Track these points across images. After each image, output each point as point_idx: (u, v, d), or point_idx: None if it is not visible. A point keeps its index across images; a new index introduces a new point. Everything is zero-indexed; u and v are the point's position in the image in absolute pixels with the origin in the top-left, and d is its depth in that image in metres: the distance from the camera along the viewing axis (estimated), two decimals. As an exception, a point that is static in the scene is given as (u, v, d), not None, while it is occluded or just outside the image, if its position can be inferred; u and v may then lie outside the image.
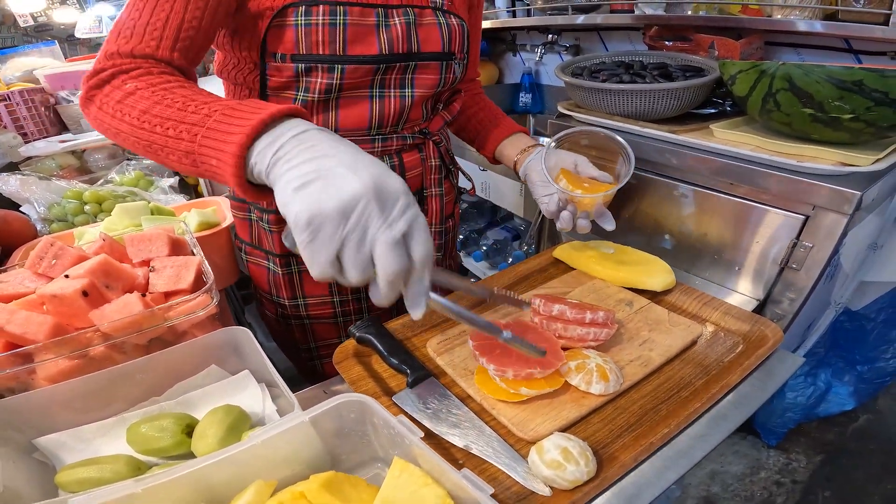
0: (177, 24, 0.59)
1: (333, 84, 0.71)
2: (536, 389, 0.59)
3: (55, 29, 2.91)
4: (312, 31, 0.67)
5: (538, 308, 0.69)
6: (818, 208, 0.80)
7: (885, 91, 0.69)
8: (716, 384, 0.62)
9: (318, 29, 0.67)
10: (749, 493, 1.53)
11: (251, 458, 0.46)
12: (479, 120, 1.00)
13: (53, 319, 0.58)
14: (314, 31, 0.67)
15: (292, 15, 0.66)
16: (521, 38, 2.13)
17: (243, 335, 0.62)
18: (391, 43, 0.72)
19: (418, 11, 0.74)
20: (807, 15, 1.05)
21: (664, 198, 1.03)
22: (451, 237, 1.01)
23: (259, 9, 0.67)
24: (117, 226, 0.90)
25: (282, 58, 0.70)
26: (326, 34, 0.68)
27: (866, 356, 1.49)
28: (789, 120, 0.81)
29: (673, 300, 0.80)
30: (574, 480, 0.49)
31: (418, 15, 0.74)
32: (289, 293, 0.89)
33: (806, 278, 0.84)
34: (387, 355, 0.67)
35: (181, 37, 0.59)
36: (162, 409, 0.59)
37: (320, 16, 0.67)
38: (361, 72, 0.72)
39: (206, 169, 0.49)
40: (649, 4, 1.33)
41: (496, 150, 0.98)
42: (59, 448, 0.56)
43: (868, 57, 1.12)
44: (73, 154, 1.67)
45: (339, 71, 0.70)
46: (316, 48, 0.68)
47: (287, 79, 0.71)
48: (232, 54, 0.74)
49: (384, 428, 0.50)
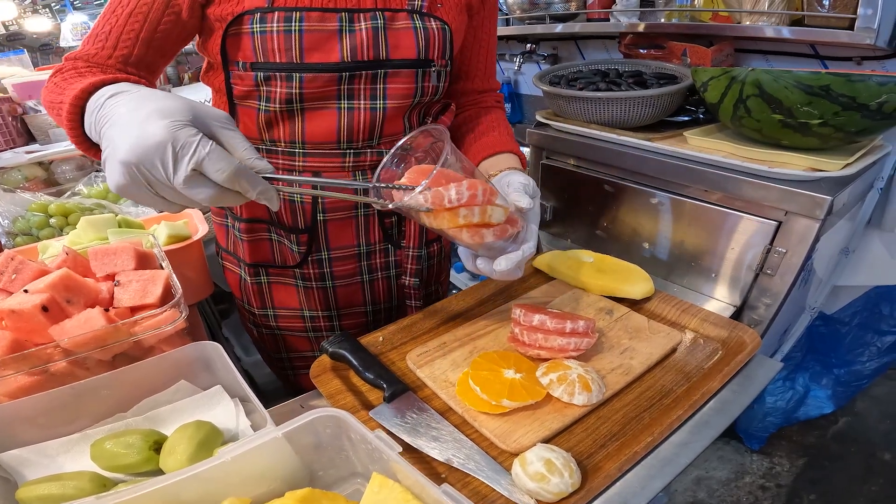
0: (117, 32, 0.64)
1: (293, 93, 0.69)
2: (519, 401, 0.58)
3: (27, 38, 2.85)
4: (268, 38, 0.65)
5: (518, 318, 0.69)
6: (790, 214, 0.81)
7: (851, 96, 0.71)
8: (697, 391, 0.62)
9: (274, 36, 0.65)
10: (735, 498, 1.54)
11: (223, 475, 0.45)
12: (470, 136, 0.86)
13: (12, 335, 0.56)
14: (269, 38, 0.65)
15: (248, 23, 0.65)
16: (501, 47, 2.15)
17: (214, 350, 0.59)
18: (354, 49, 0.68)
19: (390, 15, 0.69)
20: (774, 21, 1.07)
21: (641, 206, 1.04)
22: (435, 262, 0.95)
23: (220, 15, 0.66)
24: (82, 239, 0.87)
25: (243, 66, 0.68)
26: (282, 41, 0.66)
27: (842, 359, 1.52)
28: (760, 126, 0.82)
29: (652, 308, 0.80)
30: (559, 493, 0.49)
31: (389, 19, 0.69)
32: (258, 302, 0.87)
33: (781, 283, 0.85)
34: (361, 370, 0.66)
35: (119, 45, 0.65)
36: (129, 426, 0.57)
37: (275, 23, 0.65)
38: (322, 80, 0.69)
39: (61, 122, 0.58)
40: (624, 13, 1.36)
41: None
42: (21, 464, 0.54)
43: (834, 62, 1.15)
44: (40, 165, 1.62)
45: (297, 79, 0.68)
46: (272, 56, 0.66)
47: (249, 87, 0.70)
48: (207, 61, 0.74)
49: (361, 443, 0.49)
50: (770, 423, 1.60)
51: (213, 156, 0.45)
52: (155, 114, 0.45)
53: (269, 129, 0.74)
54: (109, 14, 0.65)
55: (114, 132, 0.47)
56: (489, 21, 0.85)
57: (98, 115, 0.50)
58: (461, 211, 0.56)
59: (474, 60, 0.86)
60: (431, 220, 0.57)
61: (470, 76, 0.87)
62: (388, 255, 0.87)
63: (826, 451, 1.67)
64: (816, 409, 1.58)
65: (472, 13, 0.80)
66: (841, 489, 1.54)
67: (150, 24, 0.65)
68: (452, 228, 0.57)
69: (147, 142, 0.44)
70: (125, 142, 0.44)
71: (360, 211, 0.81)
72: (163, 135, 0.44)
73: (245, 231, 0.82)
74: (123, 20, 0.64)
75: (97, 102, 0.51)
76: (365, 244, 0.85)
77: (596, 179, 1.11)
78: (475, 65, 0.87)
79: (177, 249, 0.88)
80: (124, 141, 0.44)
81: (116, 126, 0.47)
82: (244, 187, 0.48)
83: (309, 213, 0.79)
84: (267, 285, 0.87)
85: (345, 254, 0.84)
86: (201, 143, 0.45)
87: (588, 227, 1.18)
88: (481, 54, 0.86)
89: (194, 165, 0.45)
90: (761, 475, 1.61)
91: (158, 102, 0.46)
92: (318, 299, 0.87)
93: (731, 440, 1.70)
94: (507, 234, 0.61)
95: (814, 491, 1.54)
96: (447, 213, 0.56)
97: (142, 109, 0.46)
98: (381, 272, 0.88)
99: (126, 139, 0.44)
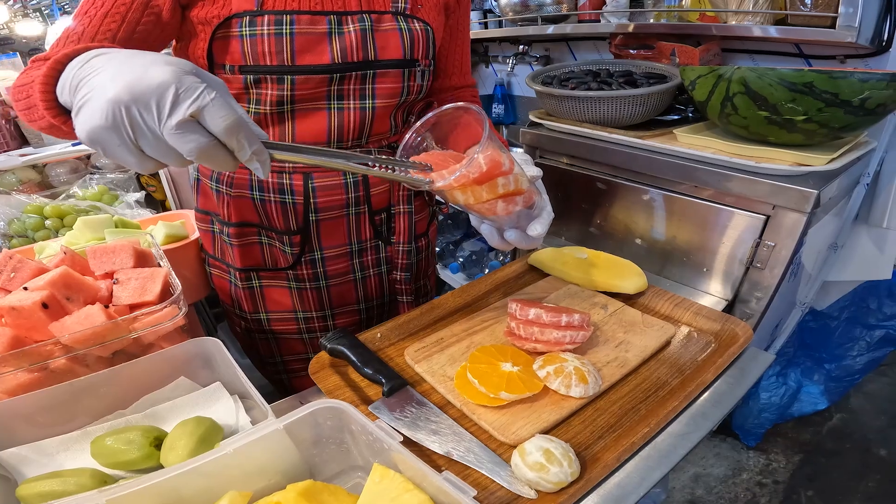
0: (90, 35, 0.61)
1: (285, 95, 0.69)
2: (517, 393, 0.58)
3: (17, 42, 2.83)
4: (258, 41, 0.65)
5: (514, 312, 0.69)
6: (778, 208, 0.83)
7: (834, 92, 0.73)
8: (692, 382, 0.63)
9: (265, 39, 0.65)
10: (733, 494, 1.55)
11: (223, 469, 0.45)
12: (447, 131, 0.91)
13: (12, 332, 0.56)
14: (260, 41, 0.65)
15: (237, 26, 0.65)
16: (493, 49, 2.17)
17: (214, 346, 0.60)
18: (344, 51, 0.69)
19: (376, 17, 0.71)
20: (759, 21, 1.09)
21: (634, 203, 1.05)
22: (423, 256, 0.97)
23: (204, 18, 0.65)
24: (79, 240, 0.87)
25: (230, 69, 0.68)
26: (273, 44, 0.66)
27: (833, 354, 1.54)
28: (746, 123, 0.84)
29: (646, 302, 0.81)
30: (558, 482, 0.49)
31: (376, 21, 0.71)
32: (250, 307, 0.87)
33: (770, 277, 0.87)
34: (360, 365, 0.66)
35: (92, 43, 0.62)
36: (128, 423, 0.57)
37: (266, 26, 0.65)
38: (314, 82, 0.70)
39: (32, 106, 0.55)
40: (614, 14, 1.38)
41: None
42: (20, 462, 0.54)
43: (818, 61, 1.17)
44: (34, 168, 1.61)
45: (288, 82, 0.68)
46: (263, 59, 0.66)
47: (237, 90, 0.69)
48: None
49: (362, 434, 0.49)
50: (765, 419, 1.62)
51: (217, 102, 0.43)
52: (159, 60, 0.43)
53: None
54: (82, 15, 0.62)
55: (103, 77, 0.43)
56: (464, 19, 0.87)
57: (81, 70, 0.46)
58: (500, 180, 0.58)
59: (451, 58, 0.89)
60: (468, 196, 0.58)
61: (448, 73, 0.90)
62: (379, 251, 0.89)
63: (822, 447, 1.68)
64: (810, 405, 1.60)
65: (448, 13, 0.83)
66: (838, 485, 1.55)
67: (127, 24, 0.62)
68: (490, 200, 0.59)
69: (148, 81, 0.41)
70: (119, 81, 0.41)
71: (350, 209, 0.82)
72: (167, 77, 0.42)
73: (234, 236, 0.82)
74: (98, 20, 0.61)
75: (82, 60, 0.47)
76: (357, 242, 0.86)
77: (589, 178, 1.13)
78: (452, 62, 0.90)
79: (174, 249, 0.89)
80: (118, 81, 0.42)
81: (106, 72, 0.44)
82: (240, 143, 0.45)
83: (301, 215, 0.80)
84: (259, 289, 0.86)
85: (337, 252, 0.84)
86: (206, 90, 0.43)
87: (582, 225, 1.20)
88: (457, 52, 0.89)
89: (195, 110, 0.42)
90: (758, 472, 1.62)
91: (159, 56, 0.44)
92: (311, 300, 0.87)
93: (728, 437, 1.71)
94: (531, 201, 0.64)
95: (811, 487, 1.55)
96: (486, 184, 0.58)
97: (142, 58, 0.44)
98: (373, 269, 0.90)
99: (121, 79, 0.42)
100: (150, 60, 0.43)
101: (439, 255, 2.11)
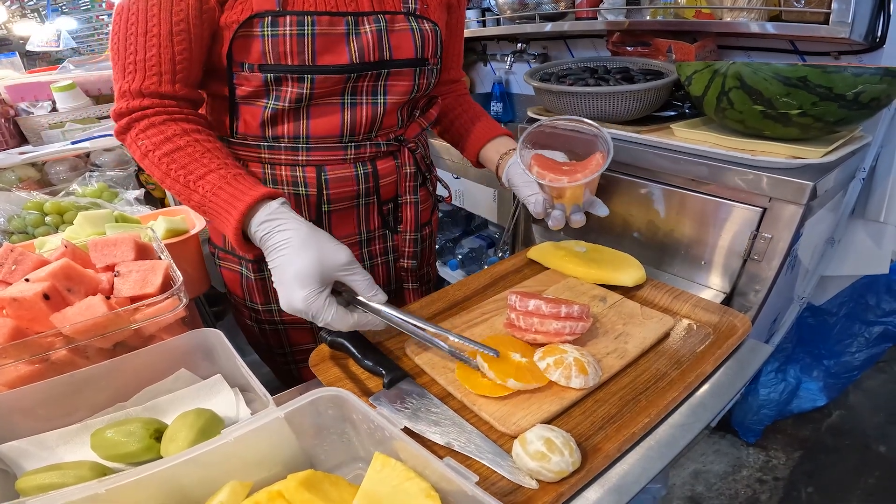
0: (168, 57, 0.64)
1: (304, 93, 0.71)
2: (524, 382, 0.59)
3: (14, 43, 2.83)
4: (280, 41, 0.66)
5: (514, 304, 0.70)
6: (775, 200, 0.83)
7: (828, 86, 0.73)
8: (691, 373, 0.63)
9: (286, 39, 0.66)
10: (733, 491, 1.55)
11: (224, 459, 0.45)
12: (462, 122, 0.97)
13: (13, 323, 0.56)
14: (282, 41, 0.66)
15: (258, 26, 0.66)
16: (492, 47, 2.18)
17: (215, 337, 0.60)
18: (362, 51, 0.71)
19: (390, 18, 0.73)
20: (753, 17, 1.10)
21: (632, 197, 1.06)
22: (427, 245, 1.00)
23: (226, 21, 0.66)
24: (80, 234, 0.87)
25: (250, 68, 0.69)
26: (295, 45, 0.67)
27: (831, 350, 1.55)
28: (742, 117, 0.85)
29: (645, 295, 0.82)
30: (560, 471, 0.49)
31: (390, 21, 0.73)
32: (262, 298, 0.87)
33: (768, 269, 0.87)
34: (360, 357, 0.66)
35: (177, 69, 0.66)
36: (128, 415, 0.57)
37: (287, 26, 0.66)
38: (332, 81, 0.71)
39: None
40: (611, 11, 1.38)
41: (479, 153, 0.95)
42: (19, 455, 0.54)
43: (813, 57, 1.18)
44: (33, 166, 1.61)
45: (308, 81, 0.70)
46: (284, 59, 0.68)
47: (256, 88, 0.70)
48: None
49: (363, 422, 0.49)
50: (765, 415, 1.62)
51: (335, 320, 0.61)
52: (295, 282, 0.60)
53: (274, 126, 0.75)
54: (142, 36, 0.63)
55: (275, 275, 0.63)
56: (462, 14, 0.92)
57: (262, 238, 0.63)
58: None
59: (450, 53, 0.92)
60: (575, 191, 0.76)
61: (446, 67, 0.93)
62: (387, 240, 0.91)
63: (821, 444, 1.68)
64: (809, 401, 1.60)
65: (451, 10, 0.86)
66: (837, 482, 1.56)
67: (195, 38, 0.65)
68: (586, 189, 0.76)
69: (292, 306, 0.61)
70: (281, 294, 0.61)
71: (360, 200, 0.84)
72: (301, 306, 0.60)
73: None
74: (167, 42, 0.63)
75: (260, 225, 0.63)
76: (366, 231, 0.88)
77: (587, 174, 1.13)
78: (452, 56, 0.93)
79: (174, 243, 0.89)
80: (280, 293, 0.62)
81: (276, 269, 0.62)
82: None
83: (314, 206, 0.81)
84: (270, 280, 0.87)
85: (347, 242, 0.85)
86: (326, 309, 0.60)
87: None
88: (456, 47, 0.93)
89: (323, 324, 0.61)
90: (758, 468, 1.62)
91: (296, 265, 0.60)
92: None
93: (727, 434, 1.71)
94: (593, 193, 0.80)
95: (811, 484, 1.56)
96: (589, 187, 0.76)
97: (289, 269, 0.60)
98: (381, 257, 0.92)
99: (281, 293, 0.61)
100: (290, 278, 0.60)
101: (438, 252, 2.12)
